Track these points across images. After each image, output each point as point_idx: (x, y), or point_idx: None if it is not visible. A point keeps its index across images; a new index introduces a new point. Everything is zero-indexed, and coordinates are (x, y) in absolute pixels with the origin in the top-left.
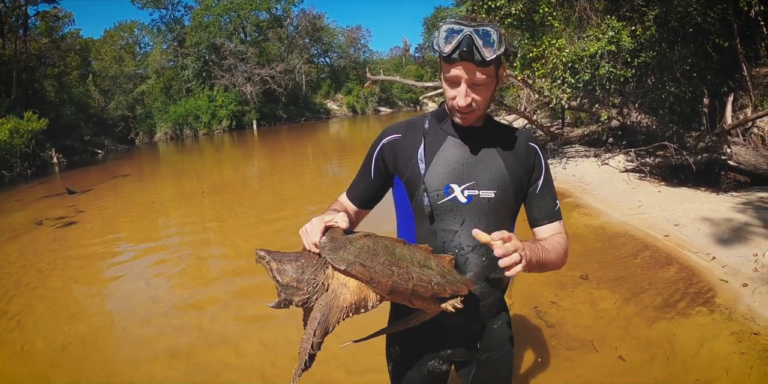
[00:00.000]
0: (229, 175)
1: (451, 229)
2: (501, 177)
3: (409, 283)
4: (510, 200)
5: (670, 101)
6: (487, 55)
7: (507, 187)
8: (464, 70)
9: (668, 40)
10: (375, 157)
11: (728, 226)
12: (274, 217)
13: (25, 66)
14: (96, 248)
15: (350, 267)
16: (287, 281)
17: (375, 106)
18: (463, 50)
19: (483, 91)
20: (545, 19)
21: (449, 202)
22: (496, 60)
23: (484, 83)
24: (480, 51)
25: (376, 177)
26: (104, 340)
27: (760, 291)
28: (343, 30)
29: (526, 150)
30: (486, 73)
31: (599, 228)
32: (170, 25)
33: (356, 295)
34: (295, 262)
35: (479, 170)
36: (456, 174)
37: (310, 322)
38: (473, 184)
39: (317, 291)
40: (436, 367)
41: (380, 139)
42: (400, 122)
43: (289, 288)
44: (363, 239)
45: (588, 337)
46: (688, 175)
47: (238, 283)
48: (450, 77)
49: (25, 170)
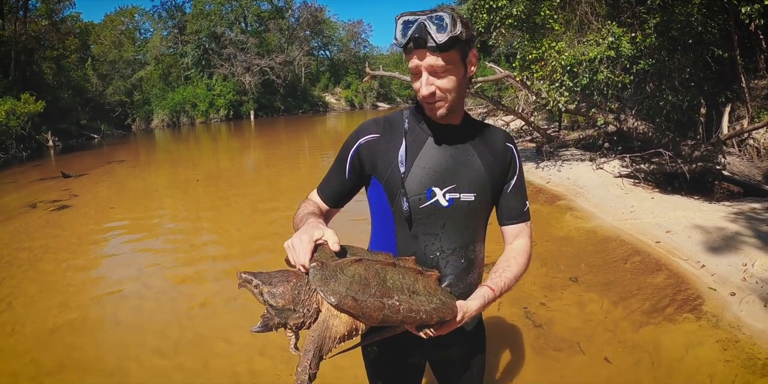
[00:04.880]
0: (225, 164)
1: (432, 232)
2: (480, 179)
3: (398, 315)
4: (488, 201)
5: (667, 109)
6: (440, 38)
7: (486, 189)
8: (421, 58)
9: (668, 49)
10: (351, 157)
11: (719, 235)
12: (268, 208)
13: (23, 47)
14: (89, 233)
15: (342, 301)
16: (283, 304)
17: (373, 101)
18: (415, 36)
19: (447, 78)
20: (546, 21)
21: (431, 206)
22: (453, 44)
23: (445, 70)
24: (432, 36)
25: (351, 177)
26: (94, 325)
27: (748, 300)
28: (345, 24)
29: (503, 150)
30: (446, 59)
31: (591, 231)
32: (171, 12)
33: (348, 326)
34: (287, 284)
35: (460, 173)
36: (437, 177)
37: (305, 355)
38: (454, 188)
39: (313, 314)
40: (409, 363)
41: (356, 137)
42: (378, 119)
43: (284, 312)
44: (354, 266)
45: (575, 339)
46: (682, 183)
47: (230, 272)
48: (412, 68)
49: (20, 152)
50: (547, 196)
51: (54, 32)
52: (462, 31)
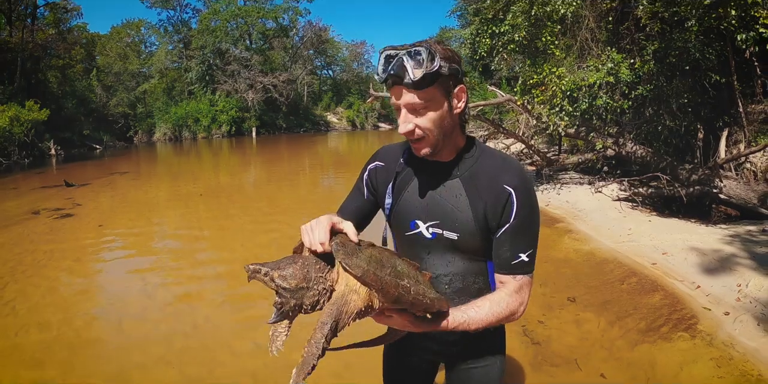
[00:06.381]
0: (226, 180)
1: (418, 256)
2: (465, 220)
3: (409, 296)
4: (476, 241)
5: (665, 133)
6: (416, 74)
7: (472, 231)
8: (398, 95)
9: (666, 75)
10: (364, 179)
11: (715, 257)
12: (269, 224)
13: (30, 55)
14: (93, 242)
15: (365, 275)
16: (296, 284)
17: (375, 121)
18: (391, 73)
19: (426, 116)
20: (547, 46)
21: (415, 235)
22: (431, 80)
23: (424, 107)
24: (409, 72)
25: (368, 197)
26: (98, 332)
27: (742, 320)
28: (348, 44)
29: (499, 193)
30: (423, 96)
31: (589, 253)
32: (177, 27)
33: (365, 302)
34: (295, 265)
35: (444, 211)
36: (420, 212)
37: (320, 328)
38: (438, 224)
39: (326, 292)
40: (419, 366)
41: (369, 162)
42: (390, 147)
43: (298, 291)
44: (369, 249)
45: (572, 356)
46: (679, 206)
47: (232, 285)
48: (393, 104)
49: (23, 159)
50: (546, 219)
51: (60, 41)
52: (442, 65)
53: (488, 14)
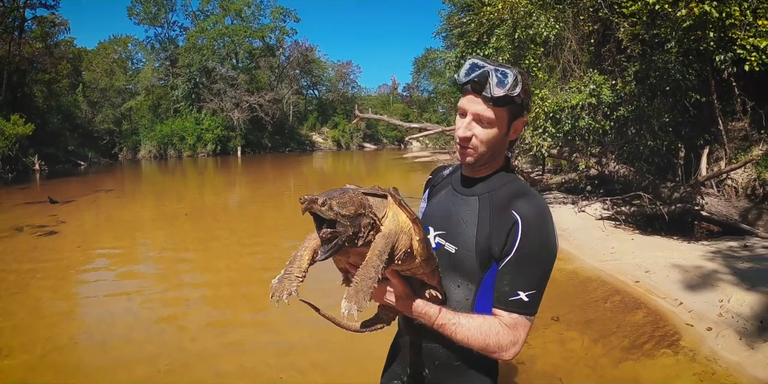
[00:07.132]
0: (211, 199)
1: None
2: (467, 235)
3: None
4: (471, 263)
5: (647, 153)
6: (496, 92)
7: (470, 249)
8: (471, 102)
9: (647, 95)
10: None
11: (697, 273)
12: (254, 246)
13: (16, 68)
14: (78, 260)
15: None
16: (354, 210)
17: (360, 141)
18: (474, 81)
19: (487, 130)
20: (530, 69)
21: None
22: (506, 102)
23: (489, 122)
24: (491, 86)
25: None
26: (84, 352)
27: (724, 334)
28: (334, 64)
29: (505, 219)
30: (495, 114)
31: (573, 272)
32: (164, 44)
33: (407, 244)
34: (346, 194)
35: (452, 222)
36: (435, 220)
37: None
38: (443, 234)
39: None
40: None
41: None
42: (443, 165)
43: (357, 218)
44: None
45: (557, 374)
46: (661, 224)
47: (219, 307)
48: (459, 107)
49: (6, 174)
50: None
51: (47, 55)
52: (520, 94)
53: (473, 37)
